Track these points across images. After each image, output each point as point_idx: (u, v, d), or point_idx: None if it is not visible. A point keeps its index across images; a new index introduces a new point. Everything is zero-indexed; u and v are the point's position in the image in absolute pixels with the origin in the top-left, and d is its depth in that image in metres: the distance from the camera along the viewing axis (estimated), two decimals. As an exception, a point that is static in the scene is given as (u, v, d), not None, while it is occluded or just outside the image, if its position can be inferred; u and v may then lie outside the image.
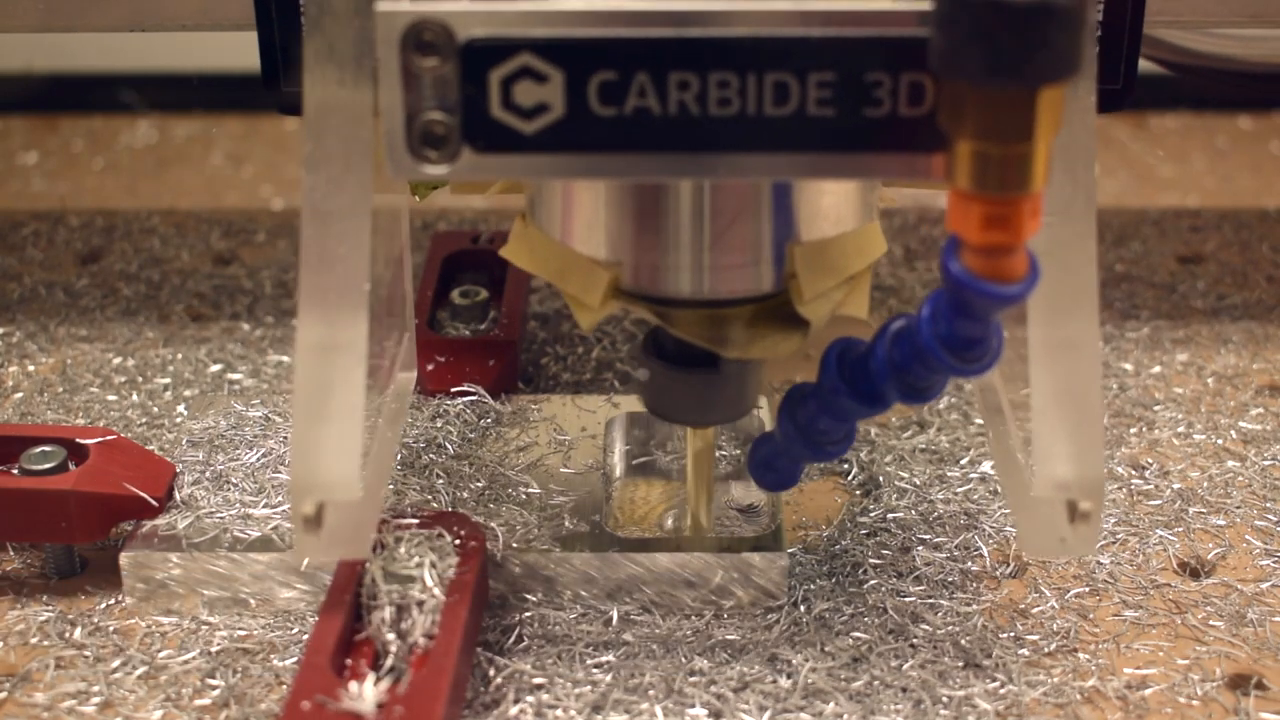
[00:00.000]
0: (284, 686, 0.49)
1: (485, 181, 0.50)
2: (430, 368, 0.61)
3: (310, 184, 0.43)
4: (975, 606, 0.52)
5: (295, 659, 0.50)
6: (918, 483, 0.58)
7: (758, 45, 0.40)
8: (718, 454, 0.58)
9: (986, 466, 0.59)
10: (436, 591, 0.47)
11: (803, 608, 0.52)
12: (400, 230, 0.52)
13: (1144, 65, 0.73)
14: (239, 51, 0.57)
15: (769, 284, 0.46)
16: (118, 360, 0.67)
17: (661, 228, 0.45)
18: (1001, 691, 0.48)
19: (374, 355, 0.45)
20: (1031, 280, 0.39)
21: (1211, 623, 0.52)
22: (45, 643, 0.51)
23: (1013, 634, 0.51)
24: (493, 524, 0.52)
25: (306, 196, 0.43)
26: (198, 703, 0.48)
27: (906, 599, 0.52)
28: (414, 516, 0.51)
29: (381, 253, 0.47)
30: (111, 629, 0.51)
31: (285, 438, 0.57)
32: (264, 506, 0.53)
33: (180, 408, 0.63)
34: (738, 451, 0.58)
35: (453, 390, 0.60)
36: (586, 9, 0.40)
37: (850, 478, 0.59)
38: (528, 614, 0.51)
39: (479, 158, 0.42)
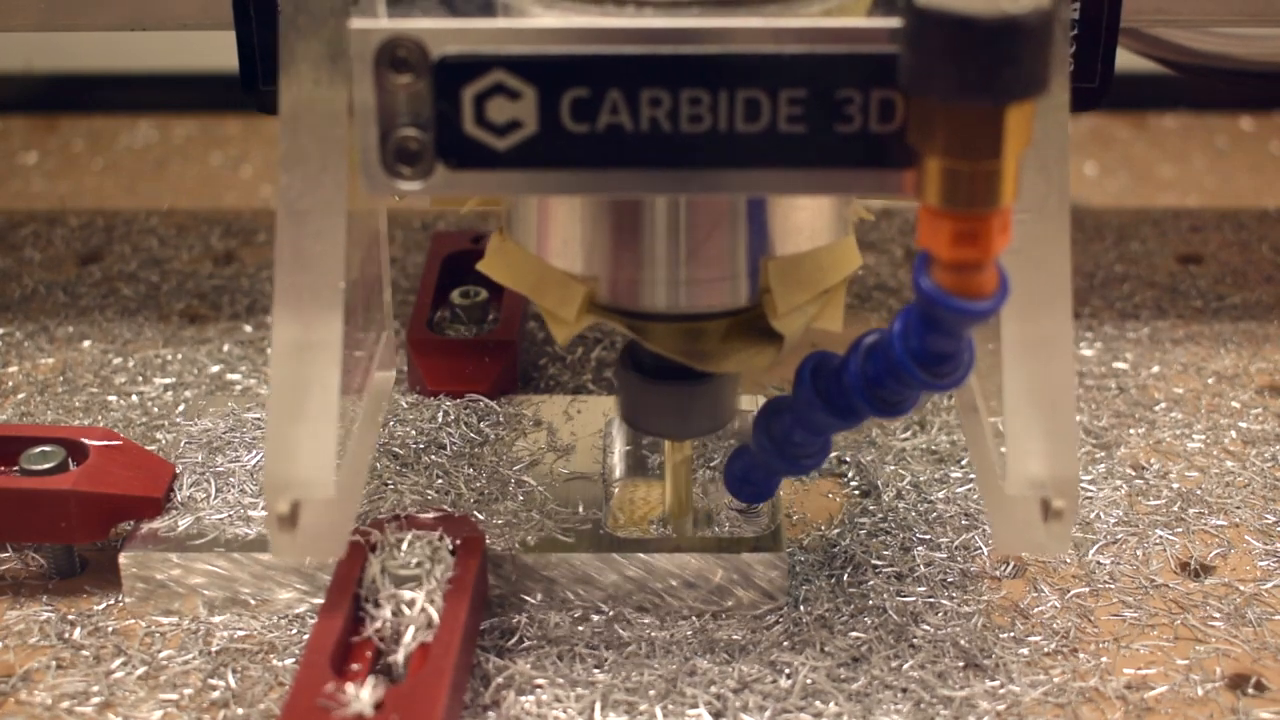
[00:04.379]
0: (284, 686, 0.49)
1: (461, 197, 0.50)
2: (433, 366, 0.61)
3: (285, 182, 0.43)
4: (975, 606, 0.52)
5: (295, 659, 0.50)
6: (918, 483, 0.58)
7: (728, 62, 0.40)
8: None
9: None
10: (436, 592, 0.47)
11: (803, 608, 0.52)
12: (378, 228, 0.52)
13: (1144, 65, 0.74)
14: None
15: (744, 298, 0.46)
16: (118, 360, 0.67)
17: (636, 242, 0.45)
18: (1001, 691, 0.48)
19: (350, 354, 0.46)
20: (1001, 296, 0.40)
21: (1211, 623, 0.52)
22: (45, 643, 0.51)
23: (1013, 634, 0.51)
24: (493, 524, 0.52)
25: (281, 195, 0.43)
26: (198, 703, 0.48)
27: (906, 599, 0.52)
28: (414, 517, 0.51)
29: (358, 251, 0.47)
30: (111, 629, 0.51)
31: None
32: (263, 508, 0.53)
33: (180, 408, 0.63)
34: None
35: (453, 390, 0.61)
36: (559, 26, 0.40)
37: (849, 478, 0.59)
38: (527, 614, 0.51)
39: (453, 174, 0.42)
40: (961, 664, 0.49)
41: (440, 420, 0.59)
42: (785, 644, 0.50)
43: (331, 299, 0.44)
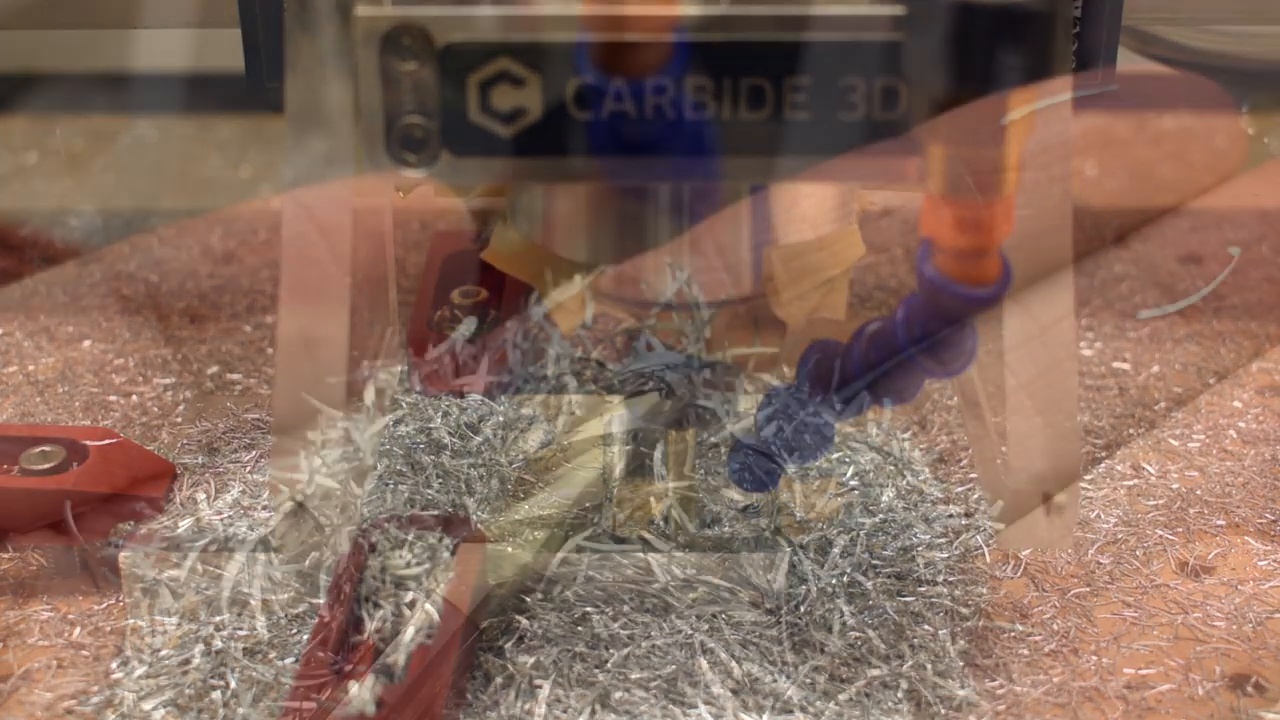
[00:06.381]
0: (284, 686, 0.49)
1: (466, 185, 0.50)
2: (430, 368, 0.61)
3: (292, 179, 0.43)
4: (975, 606, 0.52)
5: (295, 659, 0.50)
6: (917, 483, 0.58)
7: (733, 50, 0.40)
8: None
9: (986, 466, 0.59)
10: (437, 592, 0.47)
11: (803, 608, 0.52)
12: (383, 225, 0.52)
13: (1144, 65, 0.74)
14: (239, 51, 0.58)
15: (747, 286, 0.46)
16: (118, 360, 0.67)
17: (640, 231, 0.45)
18: (1001, 691, 0.48)
19: (355, 350, 0.46)
20: (1004, 283, 0.40)
21: (1211, 623, 0.52)
22: (45, 643, 0.51)
23: (1013, 634, 0.51)
24: (492, 523, 0.52)
25: (288, 191, 0.43)
26: (198, 703, 0.48)
27: (906, 599, 0.52)
28: (414, 517, 0.51)
29: (364, 248, 0.47)
30: (111, 629, 0.51)
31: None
32: (263, 508, 0.53)
33: (180, 408, 0.63)
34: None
35: (452, 390, 0.60)
36: (564, 14, 0.40)
37: (850, 478, 0.59)
38: (528, 614, 0.51)
39: (458, 161, 0.42)
40: (961, 664, 0.49)
41: (440, 420, 0.59)
42: (785, 644, 0.50)
43: (338, 295, 0.44)
